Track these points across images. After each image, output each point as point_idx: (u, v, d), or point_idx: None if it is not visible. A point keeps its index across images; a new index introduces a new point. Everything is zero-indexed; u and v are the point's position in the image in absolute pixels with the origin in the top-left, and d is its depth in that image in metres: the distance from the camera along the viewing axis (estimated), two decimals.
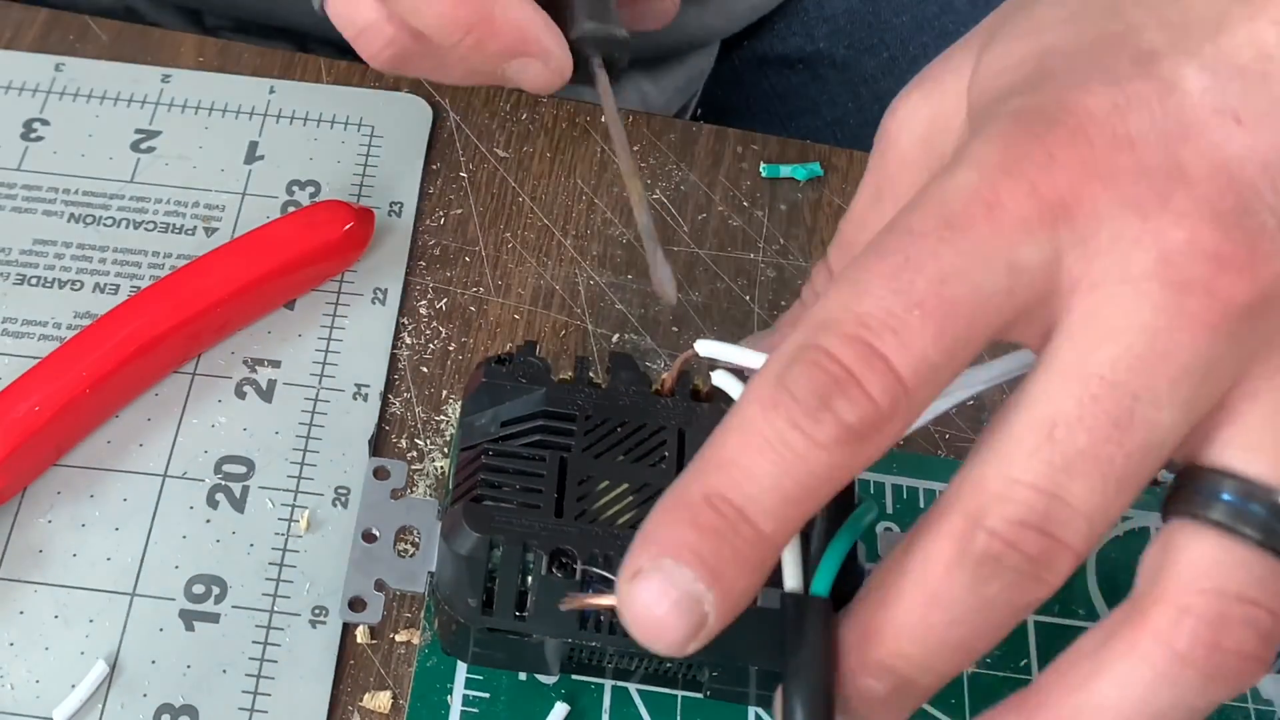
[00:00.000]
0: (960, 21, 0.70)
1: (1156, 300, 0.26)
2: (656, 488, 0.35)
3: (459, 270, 0.50)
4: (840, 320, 0.27)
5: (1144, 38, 0.28)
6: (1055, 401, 0.27)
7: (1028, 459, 0.27)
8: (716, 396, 0.37)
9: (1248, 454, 0.27)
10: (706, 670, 0.37)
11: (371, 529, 0.40)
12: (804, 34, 0.71)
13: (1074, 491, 0.27)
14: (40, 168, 0.51)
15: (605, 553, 0.34)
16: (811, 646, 0.29)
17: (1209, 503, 0.27)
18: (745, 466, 0.27)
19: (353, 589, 0.40)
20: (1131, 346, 0.26)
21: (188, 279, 0.46)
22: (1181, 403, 0.26)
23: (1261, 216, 0.26)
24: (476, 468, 0.35)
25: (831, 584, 0.31)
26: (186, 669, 0.41)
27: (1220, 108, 0.27)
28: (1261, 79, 0.27)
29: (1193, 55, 0.27)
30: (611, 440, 0.36)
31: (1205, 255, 0.26)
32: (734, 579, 0.27)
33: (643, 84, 0.66)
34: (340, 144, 0.52)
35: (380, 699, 0.40)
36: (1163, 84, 0.27)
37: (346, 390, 0.46)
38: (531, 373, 0.37)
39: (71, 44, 0.55)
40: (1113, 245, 0.27)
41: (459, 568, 0.35)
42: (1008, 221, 0.27)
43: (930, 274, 0.27)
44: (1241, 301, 0.26)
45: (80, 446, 0.44)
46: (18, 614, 0.41)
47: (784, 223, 0.52)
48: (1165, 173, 0.27)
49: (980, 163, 0.27)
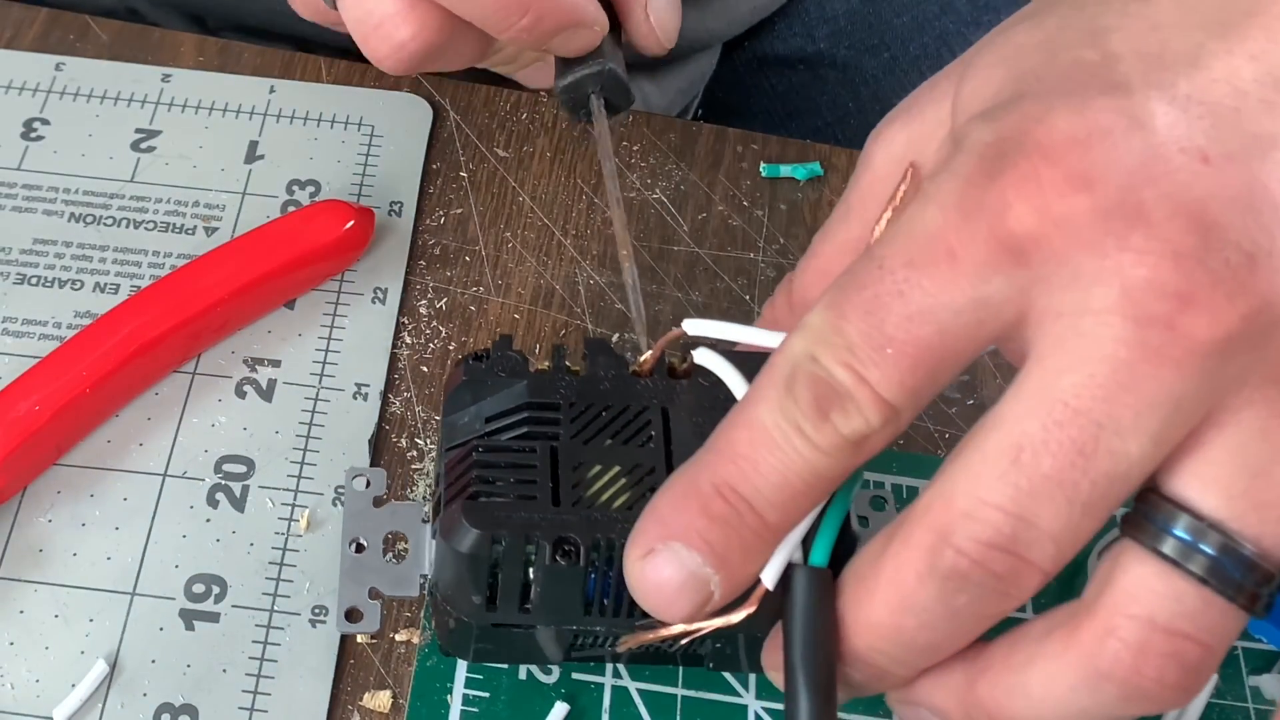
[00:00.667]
0: (961, 22, 0.70)
1: (1118, 333, 0.27)
2: (648, 467, 0.35)
3: (459, 270, 0.50)
4: (832, 343, 0.28)
5: (1118, 70, 0.28)
6: (1022, 425, 0.27)
7: (996, 480, 0.27)
8: (694, 373, 0.37)
9: (1205, 487, 0.27)
10: (709, 643, 0.37)
11: (359, 538, 0.40)
12: (804, 34, 0.71)
13: (1040, 515, 0.27)
14: (40, 167, 0.51)
15: (607, 536, 0.34)
16: (813, 615, 0.31)
17: (1160, 535, 0.27)
18: (754, 461, 0.29)
19: (347, 600, 0.39)
20: (1094, 375, 0.27)
21: (188, 279, 0.46)
22: (1149, 436, 0.27)
23: (1225, 254, 0.26)
24: (468, 465, 0.35)
25: (829, 553, 0.32)
26: (186, 668, 0.41)
27: (1187, 146, 0.27)
28: (1234, 114, 0.27)
29: (1164, 90, 0.27)
30: (598, 425, 0.36)
31: (1165, 293, 0.26)
32: (739, 564, 0.30)
33: (644, 85, 0.67)
34: (340, 144, 0.52)
35: (380, 698, 0.40)
36: (1131, 119, 0.27)
37: (346, 390, 0.46)
38: (510, 366, 0.37)
39: (72, 44, 0.55)
40: (1074, 282, 0.27)
41: (459, 567, 0.35)
42: (968, 265, 0.27)
43: (897, 314, 0.28)
44: (1204, 338, 0.26)
45: (80, 446, 0.44)
46: (18, 613, 0.41)
47: (784, 223, 0.52)
48: (1124, 213, 0.27)
49: (942, 203, 0.28)
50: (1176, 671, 0.27)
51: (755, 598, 0.31)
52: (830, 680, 0.31)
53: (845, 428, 0.28)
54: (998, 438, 0.27)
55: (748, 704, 0.41)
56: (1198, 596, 0.27)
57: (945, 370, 0.28)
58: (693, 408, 0.36)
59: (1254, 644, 0.43)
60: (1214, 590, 0.27)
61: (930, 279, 0.28)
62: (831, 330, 0.28)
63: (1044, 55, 0.29)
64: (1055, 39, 0.30)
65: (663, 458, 0.35)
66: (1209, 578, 0.27)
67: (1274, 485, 0.27)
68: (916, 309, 0.28)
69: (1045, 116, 0.28)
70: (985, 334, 0.28)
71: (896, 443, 0.46)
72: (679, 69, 0.68)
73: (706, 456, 0.30)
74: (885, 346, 0.28)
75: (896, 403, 0.28)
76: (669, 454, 0.35)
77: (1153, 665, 0.27)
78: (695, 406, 0.36)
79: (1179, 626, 0.27)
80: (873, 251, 0.29)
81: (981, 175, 0.28)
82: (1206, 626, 0.27)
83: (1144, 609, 0.27)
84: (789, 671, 0.31)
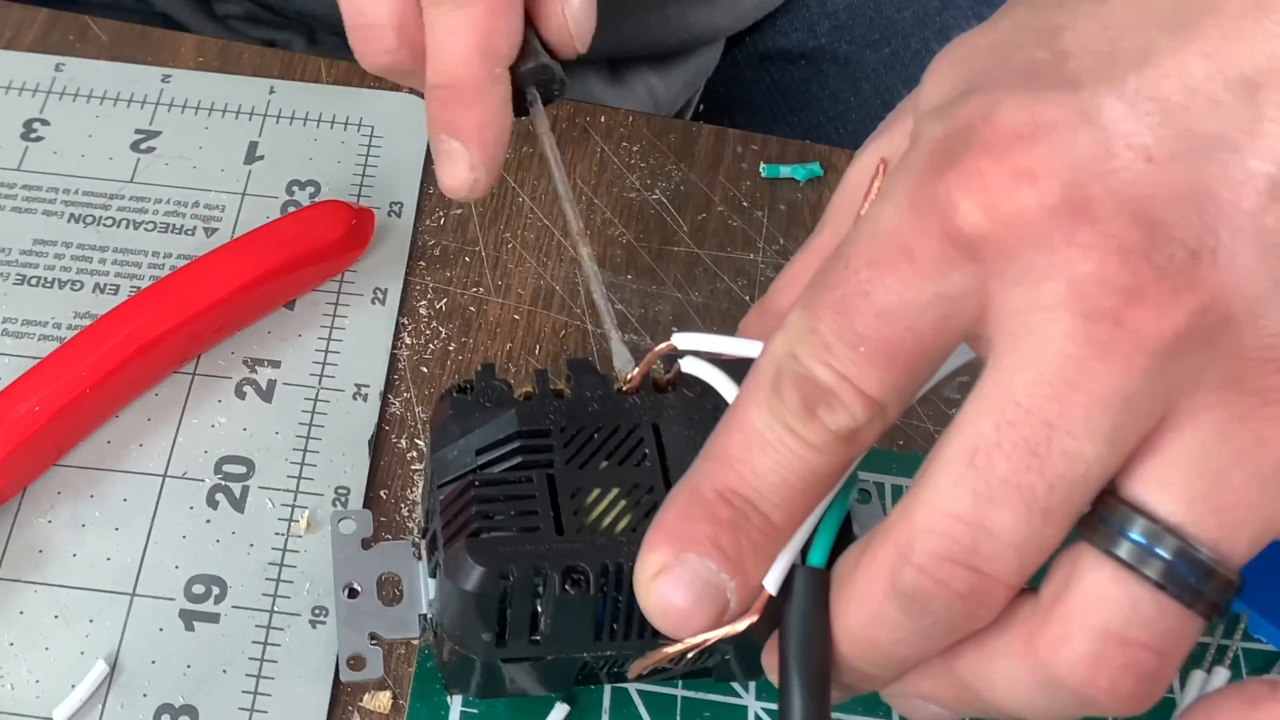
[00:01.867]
0: (961, 16, 0.70)
1: (1066, 328, 0.26)
2: (646, 486, 0.35)
3: (459, 270, 0.50)
4: (810, 342, 0.28)
5: (1067, 67, 0.28)
6: (977, 426, 0.27)
7: (953, 487, 0.27)
8: (679, 384, 0.37)
9: (1162, 489, 0.27)
10: (718, 655, 0.37)
11: (352, 583, 0.39)
12: (806, 29, 0.71)
13: (998, 522, 0.27)
14: (40, 168, 0.51)
15: (615, 561, 0.34)
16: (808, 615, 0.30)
17: (1116, 539, 0.27)
18: (750, 464, 0.29)
19: (348, 648, 0.38)
20: (1043, 373, 0.26)
21: (188, 279, 0.46)
22: (1102, 436, 0.26)
23: (1169, 250, 0.26)
24: (467, 500, 0.35)
25: (828, 555, 0.31)
26: (186, 669, 0.41)
27: (1134, 142, 0.27)
28: (1183, 111, 0.27)
29: (1113, 85, 0.27)
30: (591, 448, 0.36)
31: (1111, 288, 0.26)
32: (752, 567, 0.30)
33: (651, 79, 0.67)
34: (340, 144, 0.52)
35: (380, 699, 0.40)
36: (1079, 114, 0.27)
37: (346, 390, 0.46)
38: (496, 396, 0.37)
39: (71, 44, 0.55)
40: (1025, 278, 0.27)
41: (466, 605, 0.34)
42: (925, 262, 0.27)
43: (865, 313, 0.28)
44: (1151, 333, 0.26)
45: (80, 446, 0.45)
46: (18, 614, 0.41)
47: (784, 223, 0.52)
48: (1070, 208, 0.26)
49: (897, 201, 0.28)
50: (1131, 683, 0.27)
51: (758, 605, 0.31)
52: (824, 680, 0.31)
53: (833, 423, 0.28)
54: (956, 442, 0.27)
55: (748, 705, 0.41)
56: (1153, 603, 0.27)
57: (923, 364, 0.28)
58: (682, 420, 0.36)
59: (1254, 644, 0.43)
60: (1170, 596, 0.27)
61: (892, 277, 0.28)
62: (808, 330, 0.28)
63: (997, 55, 0.29)
64: (1009, 40, 0.30)
65: (659, 474, 0.35)
66: (1165, 583, 0.27)
67: (1232, 489, 0.27)
68: (883, 307, 0.28)
69: (991, 112, 0.27)
70: (953, 329, 0.28)
71: (896, 443, 0.46)
72: (684, 63, 0.68)
73: (704, 465, 0.30)
74: (858, 345, 0.28)
75: (880, 398, 0.28)
76: (665, 470, 0.35)
77: (1107, 677, 0.27)
78: (685, 419, 0.36)
79: (1134, 635, 0.27)
80: (840, 251, 0.29)
81: (930, 172, 0.28)
82: (1162, 634, 0.27)
83: (1099, 618, 0.27)
84: (783, 670, 0.31)
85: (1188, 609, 0.27)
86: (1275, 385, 0.26)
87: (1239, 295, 0.26)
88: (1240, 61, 0.27)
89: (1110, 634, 0.27)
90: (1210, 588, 0.27)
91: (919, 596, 0.28)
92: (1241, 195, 0.26)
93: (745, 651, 0.37)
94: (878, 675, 0.31)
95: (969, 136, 0.27)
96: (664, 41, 0.66)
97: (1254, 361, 0.26)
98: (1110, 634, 0.27)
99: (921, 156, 0.28)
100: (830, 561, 0.32)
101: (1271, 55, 0.27)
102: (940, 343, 0.28)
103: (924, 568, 0.27)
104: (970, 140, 0.27)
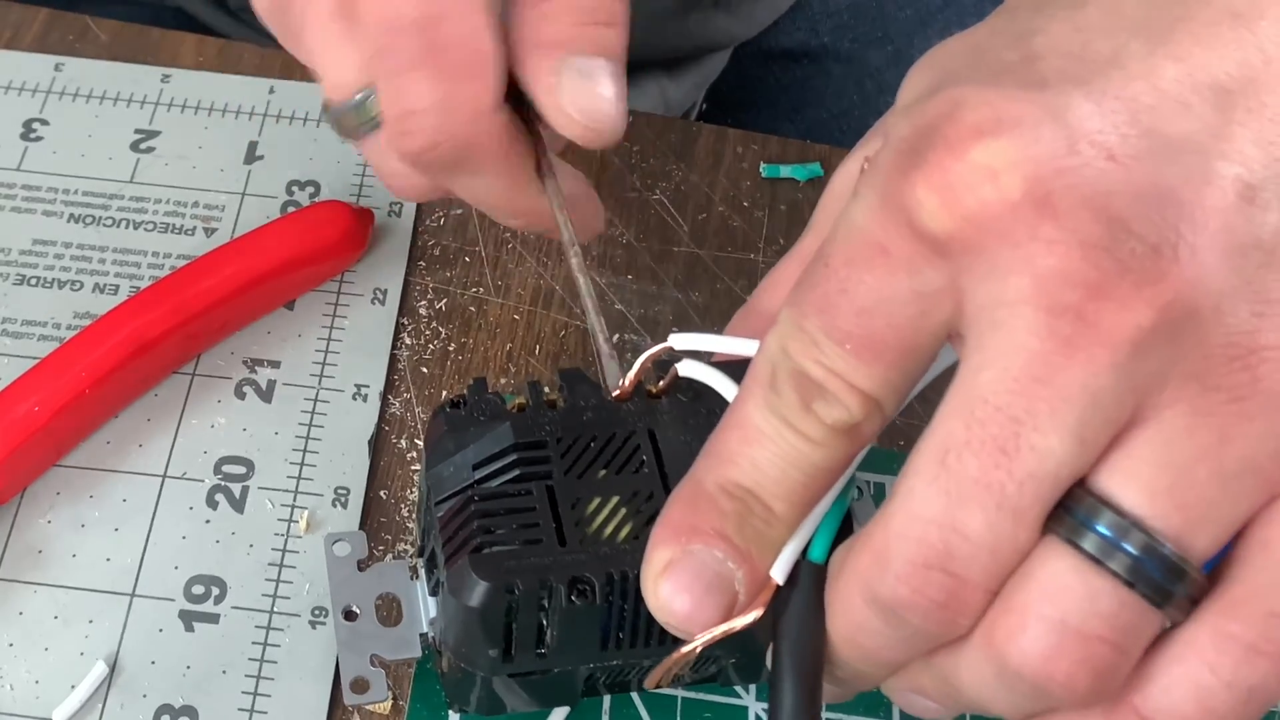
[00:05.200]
0: (964, 13, 0.70)
1: (1030, 323, 0.26)
2: (646, 493, 0.35)
3: (459, 270, 0.50)
4: (799, 338, 0.28)
5: (1035, 67, 0.28)
6: (949, 426, 0.27)
7: (926, 489, 0.27)
8: (672, 389, 0.37)
9: (1128, 482, 0.27)
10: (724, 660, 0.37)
11: (350, 606, 0.38)
12: (809, 28, 0.71)
13: (969, 523, 0.27)
14: (40, 168, 0.51)
15: (620, 569, 0.34)
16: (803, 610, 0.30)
17: (1080, 530, 0.27)
18: (751, 459, 0.29)
19: (350, 671, 0.38)
20: (1009, 369, 0.26)
21: (187, 279, 0.46)
22: (1069, 431, 0.26)
23: (1130, 245, 0.26)
24: (467, 516, 0.34)
25: (828, 551, 0.31)
26: (186, 669, 0.41)
27: (1097, 140, 0.27)
28: (1150, 112, 0.27)
29: (1081, 85, 0.27)
30: (588, 458, 0.35)
31: (1074, 282, 0.26)
32: (759, 557, 0.30)
33: (663, 81, 0.68)
34: (340, 144, 0.52)
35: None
36: (1044, 111, 0.27)
37: (346, 390, 0.46)
38: (489, 409, 0.36)
39: (71, 44, 0.55)
40: (992, 273, 0.27)
41: (470, 621, 0.34)
42: (898, 259, 0.28)
43: (846, 311, 0.28)
44: (1114, 327, 0.26)
45: (80, 447, 0.45)
46: (17, 614, 0.41)
47: (784, 223, 0.52)
48: (1032, 203, 0.26)
49: (869, 200, 0.28)
50: (1087, 676, 0.27)
51: (762, 600, 0.31)
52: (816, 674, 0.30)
53: (829, 417, 0.28)
54: (929, 443, 0.27)
55: (748, 705, 0.41)
56: (1114, 596, 0.27)
57: (911, 360, 0.28)
58: (678, 425, 0.36)
59: None
60: (1134, 591, 0.27)
61: (870, 275, 0.28)
62: (797, 327, 0.28)
63: (969, 58, 0.30)
64: (983, 44, 0.30)
65: (658, 480, 0.35)
66: (1130, 578, 0.26)
67: (1197, 485, 0.26)
68: (863, 305, 0.28)
69: (955, 109, 0.28)
70: (933, 325, 0.28)
71: (898, 444, 0.46)
72: (696, 67, 0.69)
73: (705, 462, 0.30)
74: (844, 342, 0.28)
75: (872, 392, 0.28)
76: (663, 476, 0.35)
77: (1062, 670, 0.27)
78: (680, 424, 0.36)
79: (1092, 628, 0.27)
80: (822, 250, 0.29)
81: (897, 170, 0.28)
82: (1121, 628, 0.27)
83: (1057, 610, 0.27)
84: (775, 664, 0.31)
85: (1149, 604, 0.27)
86: (1241, 382, 0.26)
87: (1204, 291, 0.26)
88: (1212, 67, 0.27)
89: (1068, 627, 0.27)
90: (1172, 583, 0.27)
91: (898, 606, 0.27)
92: (1205, 195, 0.26)
93: (746, 654, 0.37)
94: (870, 674, 0.31)
95: (933, 134, 0.27)
96: (680, 48, 0.67)
97: (1219, 359, 0.26)
98: (1068, 627, 0.27)
99: (890, 155, 0.28)
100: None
101: (1244, 63, 0.27)
102: (923, 339, 0.28)
103: (901, 575, 0.27)
104: (934, 138, 0.27)
